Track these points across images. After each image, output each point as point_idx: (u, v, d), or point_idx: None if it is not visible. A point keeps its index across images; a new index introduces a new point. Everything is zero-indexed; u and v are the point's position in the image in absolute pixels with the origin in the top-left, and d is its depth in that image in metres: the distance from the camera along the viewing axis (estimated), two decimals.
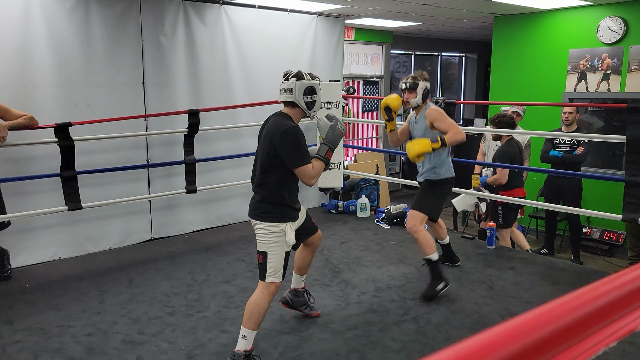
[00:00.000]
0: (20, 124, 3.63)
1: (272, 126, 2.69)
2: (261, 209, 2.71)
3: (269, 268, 2.66)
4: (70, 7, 4.16)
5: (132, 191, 4.56)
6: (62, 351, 2.86)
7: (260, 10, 5.32)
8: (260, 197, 2.72)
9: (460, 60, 10.56)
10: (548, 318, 0.71)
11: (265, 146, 2.67)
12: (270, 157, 2.66)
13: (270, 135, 2.65)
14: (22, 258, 4.13)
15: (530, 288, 3.72)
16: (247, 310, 2.64)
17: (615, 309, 0.81)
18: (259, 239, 2.70)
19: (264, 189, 2.72)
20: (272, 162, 2.67)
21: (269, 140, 2.65)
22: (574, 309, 0.75)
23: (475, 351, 0.62)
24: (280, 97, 2.77)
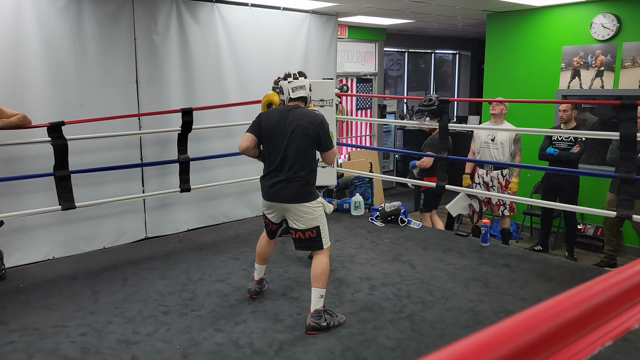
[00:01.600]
0: (13, 123, 3.61)
1: (307, 116, 3.03)
2: (306, 191, 3.03)
3: (324, 237, 3.08)
4: (62, 6, 4.13)
5: (126, 190, 4.54)
6: (56, 351, 2.84)
7: (254, 9, 5.31)
8: (305, 181, 3.03)
9: (454, 57, 10.57)
10: (544, 317, 0.71)
11: (306, 134, 2.99)
12: (312, 143, 3.02)
13: (310, 123, 3.00)
14: (16, 258, 4.11)
15: (525, 285, 3.74)
16: (319, 274, 3.00)
17: (611, 308, 0.81)
18: (305, 217, 3.02)
19: (306, 173, 3.03)
20: (312, 148, 3.04)
21: (313, 128, 3.00)
22: (569, 308, 0.75)
23: (471, 351, 0.63)
24: (296, 93, 3.14)
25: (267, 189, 3.10)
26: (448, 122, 4.72)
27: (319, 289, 3.01)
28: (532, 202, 4.71)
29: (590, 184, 5.46)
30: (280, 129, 3.04)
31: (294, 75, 3.25)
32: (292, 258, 4.26)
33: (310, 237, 3.05)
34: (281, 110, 3.13)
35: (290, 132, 3.00)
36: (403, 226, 5.16)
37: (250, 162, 5.46)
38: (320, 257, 3.06)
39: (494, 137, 5.09)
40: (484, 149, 5.16)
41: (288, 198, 3.03)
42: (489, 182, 5.21)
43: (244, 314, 3.28)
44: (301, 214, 3.02)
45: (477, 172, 5.29)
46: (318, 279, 3.00)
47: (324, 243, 3.08)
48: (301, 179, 3.01)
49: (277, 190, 3.05)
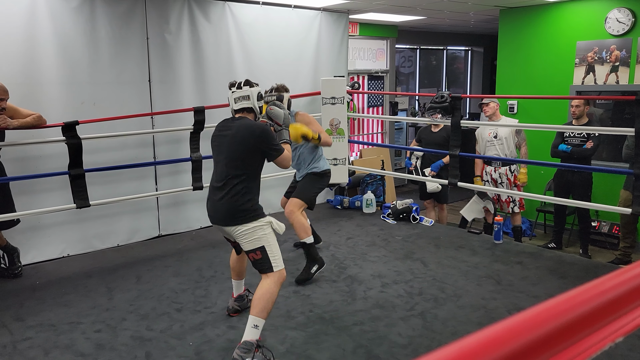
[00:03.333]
0: (29, 123, 3.66)
1: (245, 128, 2.78)
2: (241, 211, 2.72)
3: (272, 258, 2.73)
4: (76, 6, 4.18)
5: (140, 188, 4.59)
6: (72, 347, 2.89)
7: (265, 7, 5.32)
8: (239, 200, 2.72)
9: (466, 53, 10.50)
10: (554, 313, 0.71)
11: (244, 147, 2.75)
12: (251, 156, 2.76)
13: (247, 135, 2.75)
14: (32, 255, 4.17)
15: (538, 282, 3.71)
16: (260, 300, 2.64)
17: (622, 304, 0.80)
18: (246, 239, 2.72)
19: (240, 190, 2.73)
20: (251, 162, 2.77)
21: (249, 140, 2.75)
22: (580, 304, 0.74)
23: (481, 346, 0.63)
24: (237, 104, 2.86)
25: (209, 206, 2.87)
26: (460, 119, 4.69)
27: (255, 317, 2.62)
28: (545, 199, 4.68)
29: (604, 180, 5.40)
30: (218, 142, 2.85)
31: (238, 84, 2.91)
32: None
33: (254, 259, 2.73)
34: (227, 122, 2.93)
35: (227, 145, 2.79)
36: (415, 223, 5.15)
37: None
38: (265, 281, 2.71)
39: (496, 133, 5.12)
40: (488, 147, 5.17)
41: (222, 219, 2.78)
42: (497, 179, 5.20)
43: None
44: (240, 235, 2.73)
45: (485, 170, 5.29)
46: (256, 304, 2.63)
47: (273, 266, 2.72)
48: (234, 198, 2.71)
49: (212, 211, 2.83)
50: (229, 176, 2.74)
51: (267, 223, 2.76)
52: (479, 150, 5.31)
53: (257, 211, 2.77)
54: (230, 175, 2.74)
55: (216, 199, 2.77)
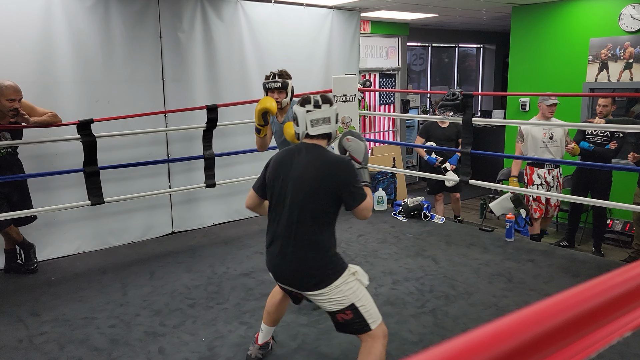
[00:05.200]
0: (45, 121, 3.72)
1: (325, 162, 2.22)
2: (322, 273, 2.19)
3: (366, 314, 2.21)
4: (90, 5, 4.23)
5: (153, 186, 4.64)
6: (86, 342, 2.93)
7: (277, 5, 5.34)
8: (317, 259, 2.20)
9: (477, 51, 10.43)
10: (562, 307, 0.72)
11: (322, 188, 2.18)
12: (331, 201, 2.19)
13: (328, 172, 2.19)
14: (48, 251, 4.24)
15: (550, 280, 3.69)
16: None
17: (630, 299, 0.81)
18: (329, 301, 2.19)
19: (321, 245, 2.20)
20: (330, 207, 2.21)
21: (331, 179, 2.18)
22: (588, 299, 0.75)
23: (489, 339, 0.64)
24: (314, 129, 2.27)
25: (270, 264, 2.33)
26: (472, 116, 4.68)
27: None
28: (562, 197, 4.61)
29: (622, 179, 5.33)
30: (284, 179, 2.25)
31: (315, 101, 2.30)
32: None
33: (344, 319, 2.21)
34: (291, 151, 2.33)
35: (298, 184, 2.20)
36: (426, 221, 5.15)
37: None
38: (368, 344, 2.22)
39: (552, 134, 4.77)
40: (542, 149, 4.79)
41: (298, 283, 2.24)
42: (551, 181, 4.86)
43: None
44: (321, 299, 2.21)
45: (537, 173, 4.87)
46: None
47: (370, 323, 2.20)
48: (309, 257, 2.18)
49: (278, 271, 2.28)
50: (300, 227, 2.18)
51: (351, 275, 2.24)
52: (523, 150, 4.92)
53: (338, 265, 2.22)
54: (303, 225, 2.18)
55: (282, 256, 2.22)
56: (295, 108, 2.34)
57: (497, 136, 7.12)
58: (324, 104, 2.30)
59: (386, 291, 3.53)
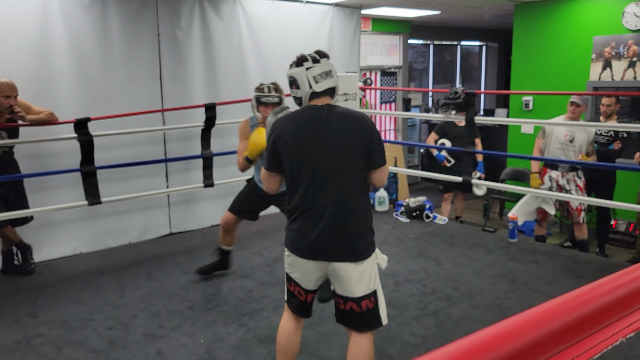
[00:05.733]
0: (41, 119, 3.68)
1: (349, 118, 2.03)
2: (364, 240, 2.05)
3: (381, 307, 2.10)
4: (88, 3, 4.18)
5: (151, 186, 4.59)
6: (84, 344, 2.89)
7: (276, 2, 5.29)
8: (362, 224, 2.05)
9: (480, 49, 10.37)
10: (565, 309, 0.72)
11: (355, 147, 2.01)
12: (361, 161, 2.03)
13: (358, 128, 2.01)
14: (45, 252, 4.19)
15: (554, 282, 3.65)
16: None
17: (634, 301, 0.80)
18: (360, 281, 2.03)
19: (361, 210, 2.05)
20: (362, 167, 2.04)
21: (362, 135, 2.00)
22: (591, 300, 0.75)
23: (492, 341, 0.63)
24: (320, 84, 2.07)
25: (301, 240, 2.05)
26: (474, 115, 4.62)
27: None
28: (564, 197, 4.54)
29: (626, 179, 5.28)
30: (312, 146, 2.01)
31: (313, 57, 2.11)
32: None
33: (368, 307, 2.05)
34: (307, 114, 2.06)
35: (331, 147, 2.00)
36: (428, 222, 5.10)
37: None
38: (364, 342, 2.08)
39: (572, 138, 4.49)
40: (559, 149, 4.54)
41: (337, 253, 2.01)
42: (564, 185, 4.58)
43: (268, 309, 3.28)
44: (354, 275, 2.02)
45: (549, 175, 4.64)
46: None
47: (382, 318, 2.11)
48: (357, 222, 2.03)
49: (320, 243, 2.01)
50: (343, 190, 2.01)
51: (376, 257, 2.12)
52: (541, 147, 4.68)
53: (373, 240, 2.10)
54: (343, 191, 2.01)
55: (323, 224, 2.00)
56: (290, 71, 2.13)
57: (500, 135, 7.07)
58: (322, 58, 2.12)
59: (388, 293, 3.46)
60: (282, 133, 2.06)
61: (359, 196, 2.05)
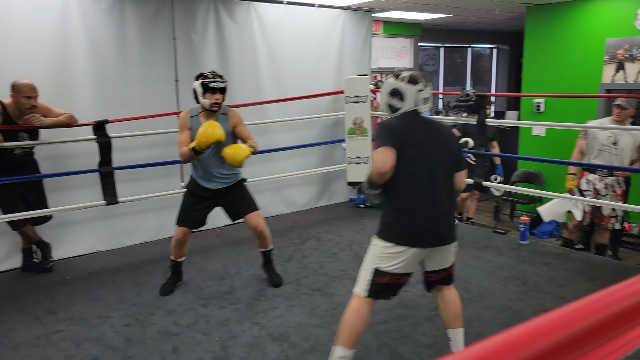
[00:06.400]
0: (61, 121, 3.77)
1: (443, 128, 2.48)
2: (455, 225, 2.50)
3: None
4: (106, 7, 4.27)
5: (166, 186, 4.66)
6: (102, 340, 2.96)
7: (289, 6, 5.35)
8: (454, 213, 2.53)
9: (491, 51, 10.36)
10: (578, 315, 0.71)
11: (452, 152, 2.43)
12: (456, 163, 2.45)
13: (450, 136, 2.47)
14: (63, 251, 4.28)
15: (566, 284, 3.65)
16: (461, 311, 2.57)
17: None
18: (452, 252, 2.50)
19: (454, 201, 2.54)
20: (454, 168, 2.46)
21: (454, 142, 2.49)
22: (608, 305, 0.74)
23: (507, 345, 0.63)
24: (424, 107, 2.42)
25: (418, 230, 2.32)
26: (486, 117, 4.64)
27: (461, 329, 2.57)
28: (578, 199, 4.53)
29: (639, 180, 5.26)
30: (427, 148, 2.34)
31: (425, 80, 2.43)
32: (327, 254, 4.28)
33: (451, 272, 2.55)
34: (416, 120, 2.40)
35: (439, 149, 2.38)
36: None
37: (286, 158, 5.58)
38: (455, 290, 2.62)
39: (616, 140, 4.32)
40: (602, 152, 4.36)
41: (447, 238, 2.41)
42: (601, 189, 4.43)
43: (281, 308, 3.33)
44: (452, 250, 2.48)
45: (586, 178, 4.52)
46: (461, 316, 2.56)
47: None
48: (450, 212, 2.46)
49: (439, 232, 2.37)
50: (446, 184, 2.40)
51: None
52: (582, 148, 4.53)
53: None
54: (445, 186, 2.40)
55: (440, 215, 2.36)
56: (401, 85, 2.39)
57: (511, 137, 7.06)
58: (427, 85, 2.43)
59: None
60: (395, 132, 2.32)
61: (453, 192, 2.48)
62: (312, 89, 5.32)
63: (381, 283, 2.37)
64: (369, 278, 2.38)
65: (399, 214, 2.34)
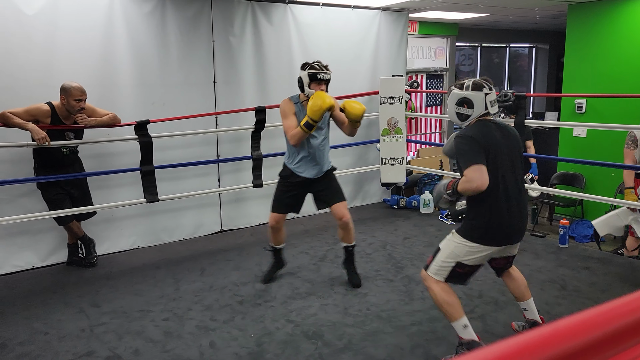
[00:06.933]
0: (105, 121, 3.91)
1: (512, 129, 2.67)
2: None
3: None
4: (148, 11, 4.41)
5: (204, 185, 4.78)
6: (142, 334, 3.07)
7: (325, 8, 5.39)
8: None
9: (530, 51, 10.13)
10: (614, 315, 0.71)
11: (521, 151, 2.68)
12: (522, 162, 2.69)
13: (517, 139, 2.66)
14: (106, 246, 4.45)
15: (607, 289, 3.55)
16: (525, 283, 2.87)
17: None
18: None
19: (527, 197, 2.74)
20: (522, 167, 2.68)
21: (520, 145, 2.68)
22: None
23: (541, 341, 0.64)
24: (494, 108, 2.59)
25: (507, 227, 2.56)
26: (524, 118, 4.56)
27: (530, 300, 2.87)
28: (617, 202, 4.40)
29: None
30: (501, 150, 2.52)
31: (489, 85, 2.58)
32: (361, 254, 4.29)
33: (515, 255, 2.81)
34: (491, 126, 2.57)
35: (512, 152, 2.57)
36: None
37: None
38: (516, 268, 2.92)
39: None
40: None
41: (522, 233, 2.67)
42: None
43: (314, 306, 3.36)
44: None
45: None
46: (528, 288, 2.88)
47: None
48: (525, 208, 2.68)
49: (523, 229, 2.65)
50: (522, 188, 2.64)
51: None
52: (635, 157, 4.18)
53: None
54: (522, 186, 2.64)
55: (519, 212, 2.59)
56: (467, 94, 2.55)
57: (551, 139, 6.90)
58: (491, 89, 2.59)
59: None
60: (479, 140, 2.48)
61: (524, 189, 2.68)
62: (347, 90, 5.33)
63: (461, 272, 2.63)
64: (450, 267, 2.62)
65: (491, 215, 2.52)
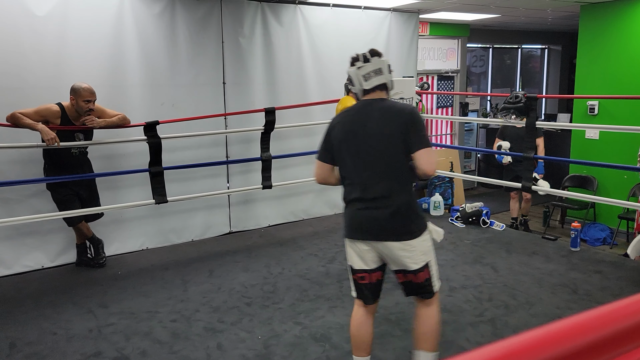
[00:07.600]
0: (114, 122, 3.92)
1: (391, 109, 2.23)
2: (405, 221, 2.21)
3: (434, 276, 2.33)
4: (158, 12, 4.42)
5: (213, 186, 4.78)
6: (150, 335, 3.06)
7: (335, 9, 5.37)
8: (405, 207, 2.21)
9: (542, 52, 10.03)
10: (619, 315, 0.70)
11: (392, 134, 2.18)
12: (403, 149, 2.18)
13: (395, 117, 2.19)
14: (114, 247, 4.46)
15: (619, 293, 3.49)
16: (433, 335, 2.33)
17: None
18: (412, 258, 2.23)
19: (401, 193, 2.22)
20: (405, 155, 2.19)
21: (398, 123, 2.17)
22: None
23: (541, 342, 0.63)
24: (369, 82, 2.26)
25: (352, 220, 2.29)
26: (536, 120, 4.50)
27: (429, 352, 2.29)
28: (629, 205, 4.34)
29: None
30: (355, 136, 2.23)
31: (363, 56, 2.29)
32: None
33: (425, 279, 2.28)
34: (356, 110, 2.30)
35: (370, 136, 2.20)
36: (485, 227, 5.00)
37: None
38: (431, 309, 2.33)
39: None
40: None
41: (380, 233, 2.22)
42: None
43: (322, 309, 3.34)
44: (407, 251, 2.22)
45: None
46: (429, 340, 2.30)
47: (434, 286, 2.33)
48: (393, 206, 2.19)
49: (366, 225, 2.24)
50: (384, 179, 2.21)
51: (429, 231, 2.32)
52: None
53: (423, 222, 2.29)
54: (386, 177, 2.21)
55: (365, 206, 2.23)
56: (348, 70, 2.36)
57: (562, 140, 6.82)
58: (372, 57, 2.31)
59: (442, 298, 3.45)
60: (334, 125, 2.35)
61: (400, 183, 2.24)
62: None
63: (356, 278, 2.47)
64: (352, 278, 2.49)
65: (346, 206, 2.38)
